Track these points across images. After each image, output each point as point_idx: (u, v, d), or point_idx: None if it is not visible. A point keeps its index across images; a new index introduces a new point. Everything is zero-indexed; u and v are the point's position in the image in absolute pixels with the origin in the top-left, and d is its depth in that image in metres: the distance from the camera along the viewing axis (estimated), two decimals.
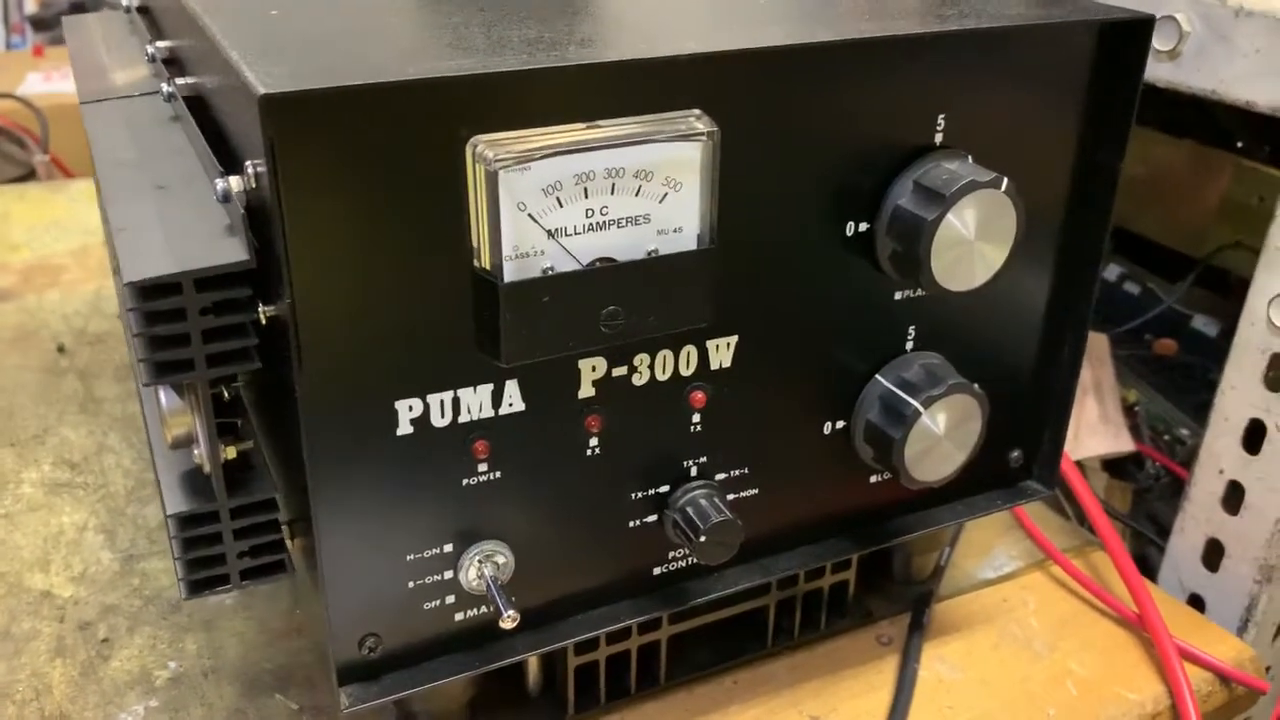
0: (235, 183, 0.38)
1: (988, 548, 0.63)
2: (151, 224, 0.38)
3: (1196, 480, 0.63)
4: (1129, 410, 0.79)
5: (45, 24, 3.81)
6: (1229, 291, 0.84)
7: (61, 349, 0.79)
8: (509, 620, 0.42)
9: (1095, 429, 0.74)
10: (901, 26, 0.43)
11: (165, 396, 0.39)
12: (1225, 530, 0.62)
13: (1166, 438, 0.78)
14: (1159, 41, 0.60)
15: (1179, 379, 0.81)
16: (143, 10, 0.66)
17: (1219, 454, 0.61)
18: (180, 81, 0.49)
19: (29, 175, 2.09)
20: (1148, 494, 0.78)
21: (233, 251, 0.36)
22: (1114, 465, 0.78)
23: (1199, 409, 0.79)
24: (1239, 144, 0.80)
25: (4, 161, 2.07)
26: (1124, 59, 0.47)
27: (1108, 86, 0.47)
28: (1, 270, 0.92)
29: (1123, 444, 0.75)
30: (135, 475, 0.66)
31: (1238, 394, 0.60)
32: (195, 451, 0.39)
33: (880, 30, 0.42)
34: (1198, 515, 0.63)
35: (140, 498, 0.64)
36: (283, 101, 0.32)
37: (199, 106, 0.47)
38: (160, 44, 0.55)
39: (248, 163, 0.36)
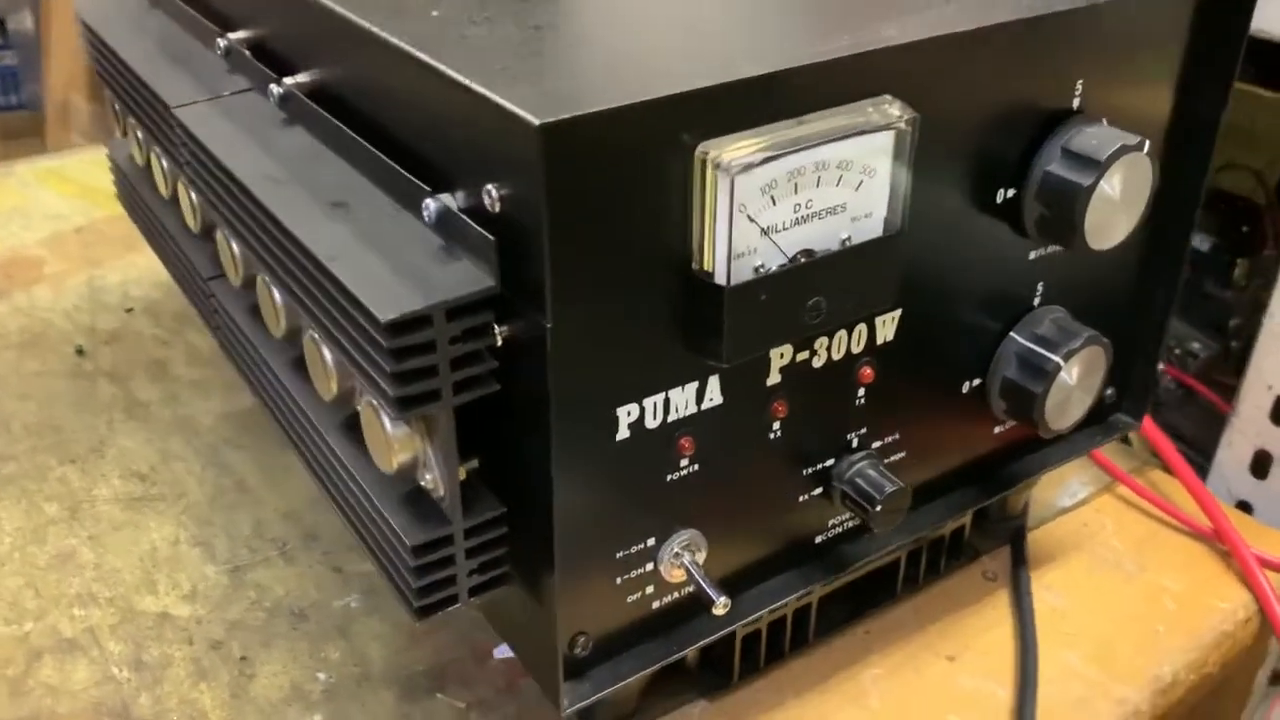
0: (449, 201, 0.37)
1: (1062, 477, 0.67)
2: (362, 251, 0.37)
3: (1244, 397, 0.67)
4: None
5: None
6: (1218, 207, 0.89)
7: (80, 351, 0.75)
8: (721, 607, 0.43)
9: None
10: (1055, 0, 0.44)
11: (390, 423, 0.38)
12: (1274, 440, 0.66)
13: (1179, 351, 0.83)
14: None
15: (1183, 296, 0.86)
16: None
17: (1267, 370, 0.65)
18: (296, 81, 0.47)
19: None
20: (1165, 407, 0.83)
21: (478, 278, 0.35)
22: None
23: (1205, 323, 0.84)
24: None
25: None
26: (1228, 12, 0.49)
27: (1211, 40, 0.49)
28: None
29: None
30: (210, 481, 0.64)
31: None
32: (427, 476, 0.39)
33: (1044, 7, 0.43)
34: (1246, 429, 0.68)
35: (223, 504, 0.62)
36: (556, 130, 0.32)
37: (337, 110, 0.45)
38: (237, 35, 0.52)
39: (489, 187, 0.35)
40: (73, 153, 1.09)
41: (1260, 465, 0.67)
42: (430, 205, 0.37)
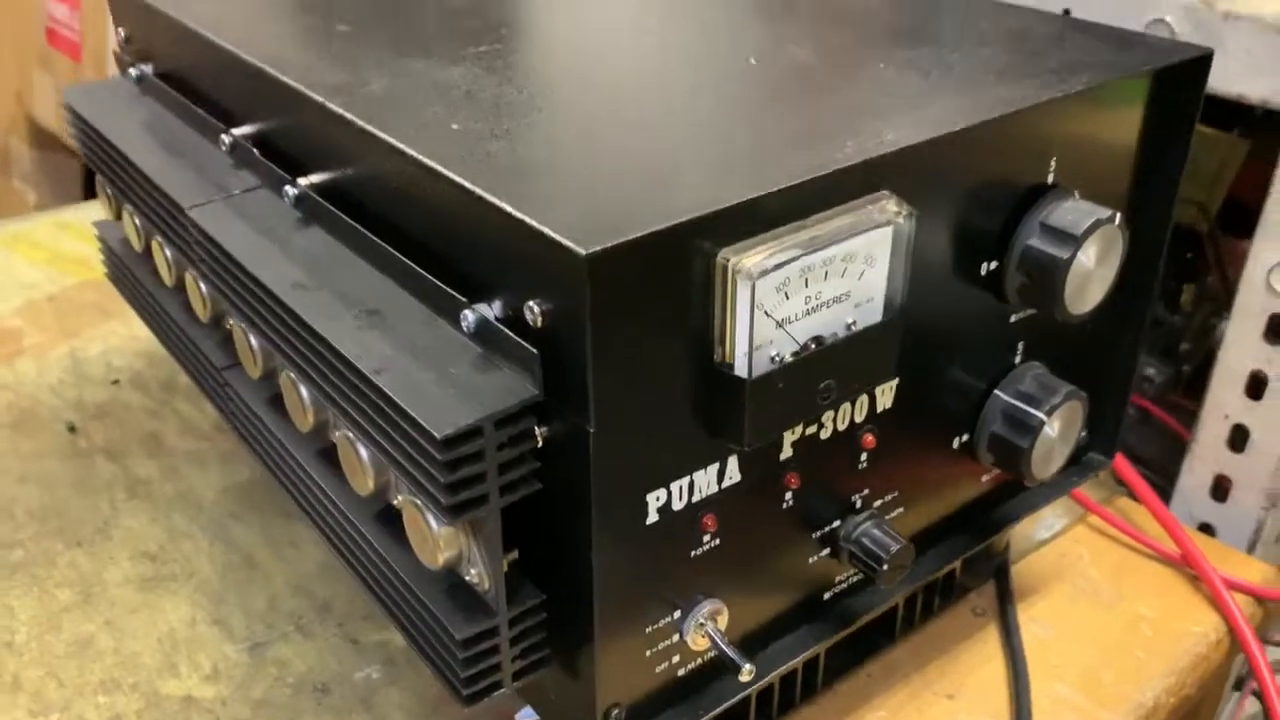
0: (486, 312, 0.39)
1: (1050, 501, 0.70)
2: (405, 363, 0.39)
3: (1203, 425, 0.71)
4: None
5: None
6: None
7: (73, 428, 0.76)
8: (747, 674, 0.46)
9: None
10: (1031, 92, 0.47)
11: (436, 525, 0.40)
12: (1232, 466, 0.70)
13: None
14: None
15: None
16: (166, 77, 0.63)
17: (1224, 401, 0.70)
18: (311, 182, 0.49)
19: None
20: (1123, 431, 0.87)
21: (523, 388, 0.37)
22: None
23: (1156, 348, 0.89)
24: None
25: None
26: (1185, 85, 0.52)
27: (1170, 110, 0.53)
28: None
29: None
30: (219, 557, 0.65)
31: (1240, 349, 0.68)
32: (471, 571, 0.41)
33: (1024, 100, 0.46)
34: (1205, 455, 0.72)
35: (235, 580, 0.64)
36: (600, 258, 0.34)
37: (355, 212, 0.47)
38: (242, 131, 0.54)
39: (531, 303, 0.37)
40: (39, 216, 1.09)
41: (1220, 489, 0.71)
42: (469, 316, 0.39)
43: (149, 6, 0.61)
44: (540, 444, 0.39)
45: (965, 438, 0.54)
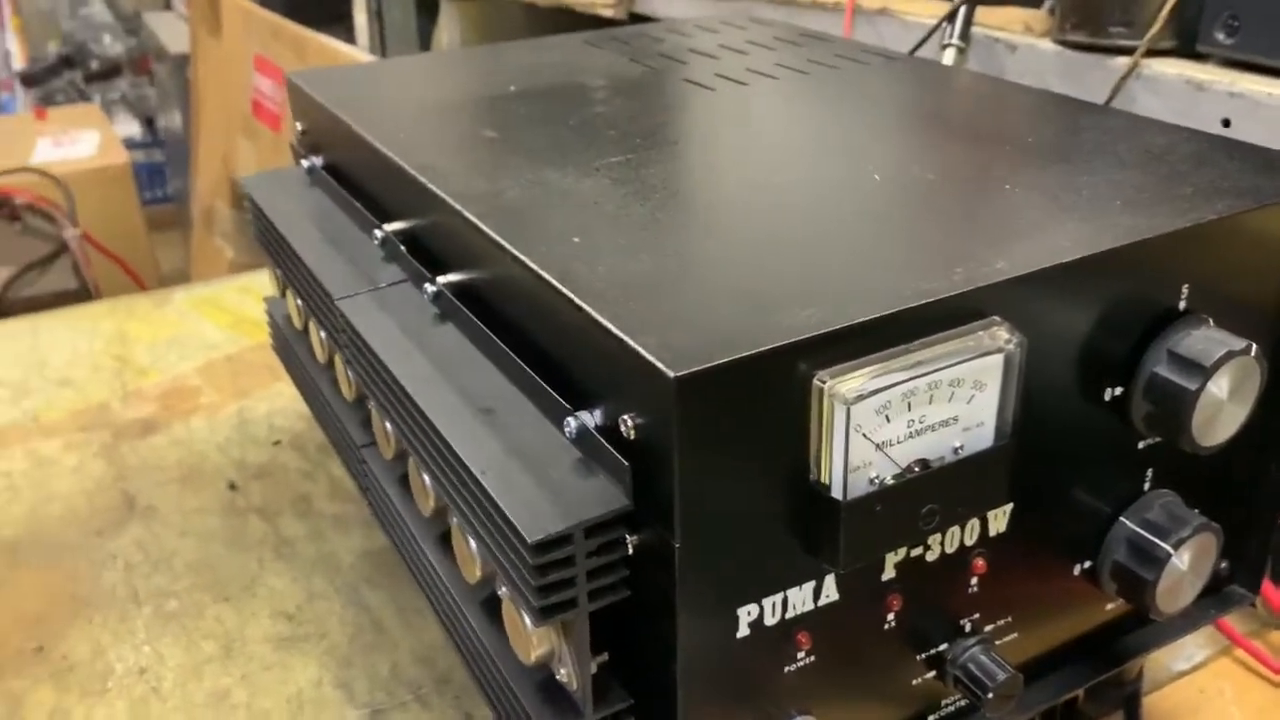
0: (588, 420, 0.41)
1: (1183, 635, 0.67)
2: (510, 464, 0.41)
3: None
4: None
5: (35, 79, 3.78)
6: None
7: (233, 486, 0.81)
8: None
9: None
10: (1159, 220, 0.46)
11: (528, 619, 0.41)
12: None
13: None
14: None
15: None
16: (331, 171, 0.68)
17: None
18: (448, 280, 0.52)
19: (60, 251, 2.10)
20: None
21: (615, 498, 0.39)
22: None
23: None
24: None
25: (34, 239, 2.08)
26: None
27: None
28: (139, 399, 0.94)
29: None
30: (350, 621, 0.68)
31: None
32: (561, 671, 0.42)
33: (1149, 230, 0.45)
34: None
35: (362, 645, 0.67)
36: (689, 380, 0.35)
37: (485, 310, 0.49)
38: (393, 227, 0.57)
39: (625, 418, 0.38)
40: (227, 280, 1.18)
41: None
42: (571, 423, 0.41)
43: (321, 105, 0.66)
44: (631, 552, 0.40)
45: (1088, 564, 0.52)
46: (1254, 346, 0.47)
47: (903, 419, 0.41)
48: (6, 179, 2.04)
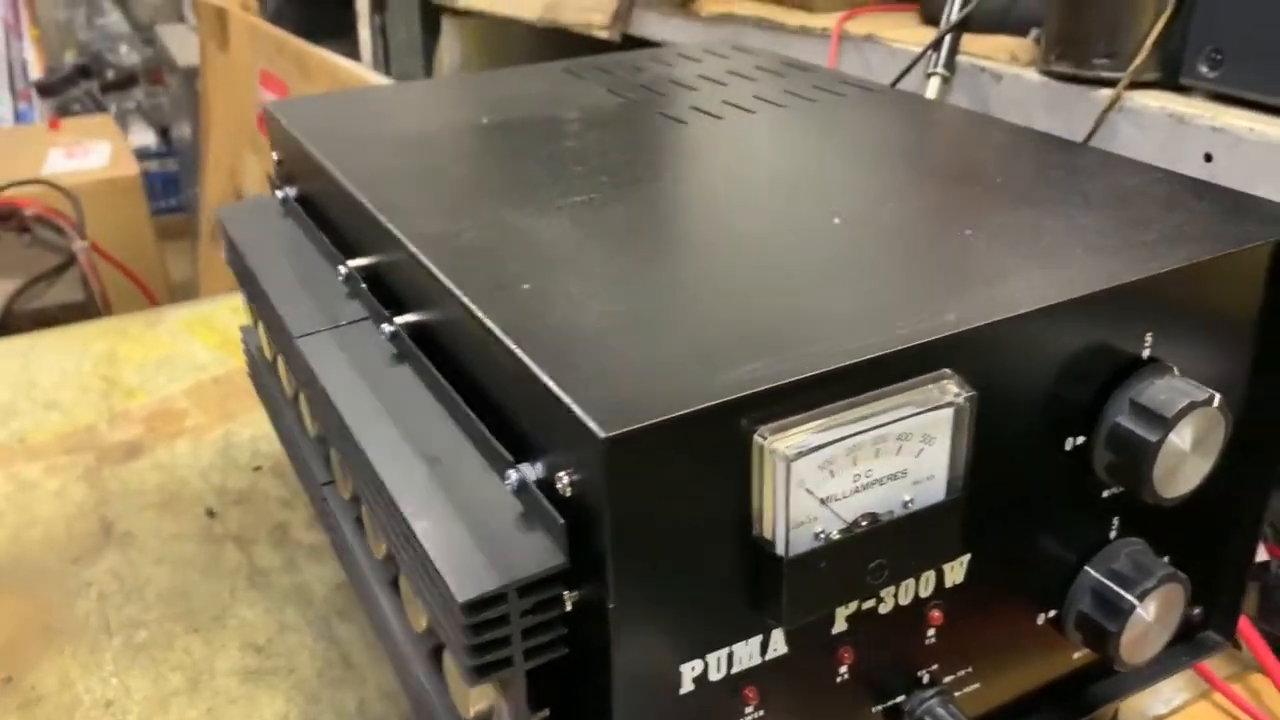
0: (529, 472, 0.40)
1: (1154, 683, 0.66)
2: (449, 518, 0.41)
3: None
4: None
5: (51, 89, 3.81)
6: None
7: (211, 513, 0.81)
8: None
9: None
10: (1119, 268, 0.45)
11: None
12: None
13: None
14: None
15: None
16: (303, 201, 0.68)
17: None
18: (405, 321, 0.51)
19: (69, 263, 2.11)
20: (1275, 591, 0.80)
21: (550, 556, 0.38)
22: None
23: None
24: None
25: (43, 250, 2.09)
26: None
27: None
28: (126, 420, 0.94)
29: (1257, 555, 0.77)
30: (320, 654, 0.68)
31: None
32: None
33: (1108, 280, 0.44)
34: None
35: (329, 679, 0.66)
36: (620, 441, 0.35)
37: (439, 354, 0.49)
38: (356, 264, 0.57)
39: (561, 474, 0.38)
40: (220, 300, 1.18)
41: None
42: (512, 476, 0.41)
43: (292, 136, 0.66)
44: (570, 608, 0.40)
45: (1053, 614, 0.51)
46: (1217, 397, 0.46)
47: (848, 473, 0.41)
48: (16, 190, 2.06)
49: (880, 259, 0.47)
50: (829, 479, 0.40)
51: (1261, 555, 0.79)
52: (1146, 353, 0.47)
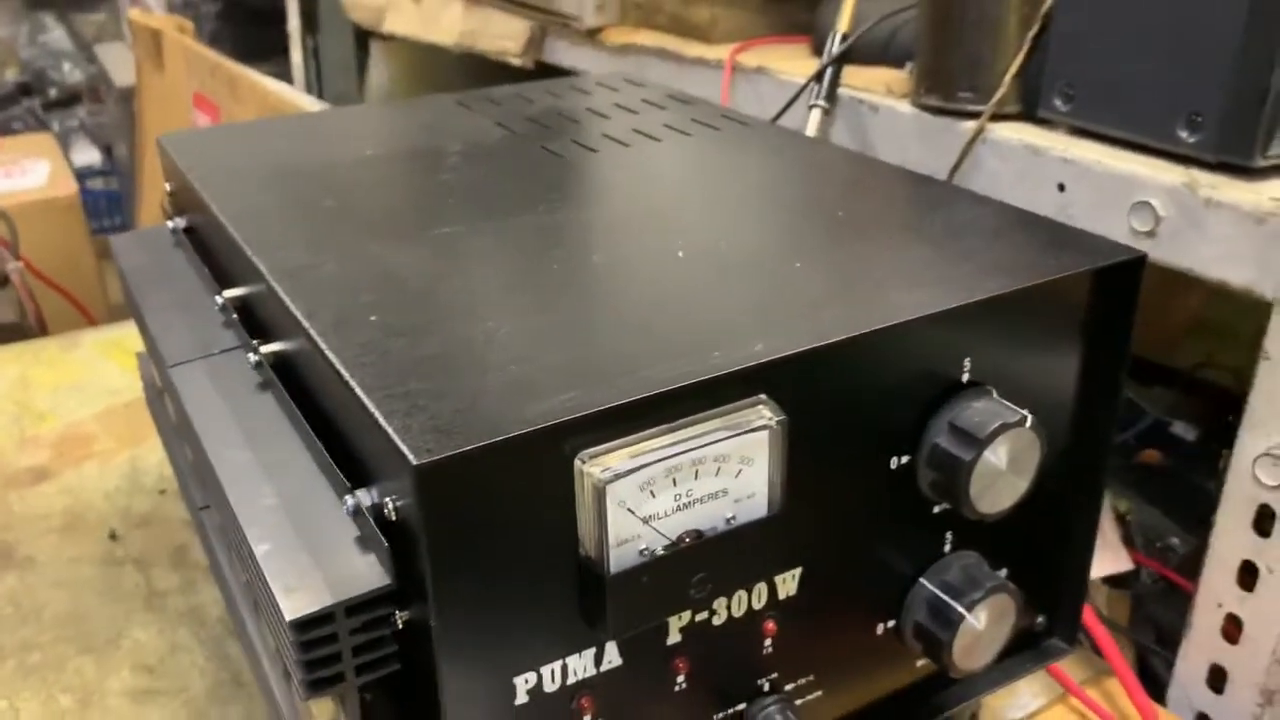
0: (364, 497, 0.43)
1: (1014, 687, 0.69)
2: (291, 542, 0.43)
3: (1197, 612, 0.69)
4: (1121, 520, 0.85)
5: None
6: (1202, 396, 0.91)
7: (114, 536, 0.82)
8: None
9: (1097, 554, 0.80)
10: (933, 298, 0.48)
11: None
12: (1227, 657, 0.67)
13: (1159, 545, 0.84)
14: (1138, 222, 0.66)
15: (1166, 486, 0.88)
16: (190, 232, 0.70)
17: (1217, 590, 0.67)
18: (268, 350, 0.53)
19: (3, 283, 2.09)
20: (1146, 600, 0.84)
21: (378, 577, 0.40)
22: (1113, 576, 0.84)
23: (1187, 515, 0.86)
24: None
25: None
26: (1118, 287, 0.52)
27: (1104, 311, 0.53)
28: (35, 445, 0.95)
29: (1122, 564, 0.81)
30: (211, 674, 0.70)
31: (1230, 538, 0.66)
32: None
33: (919, 309, 0.47)
34: (1201, 643, 0.69)
35: (219, 698, 0.68)
36: (432, 468, 0.37)
37: (287, 377, 0.51)
38: (231, 294, 0.59)
39: (387, 500, 0.40)
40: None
41: (1216, 680, 0.68)
42: (349, 501, 0.43)
43: (178, 167, 0.68)
44: (401, 627, 0.42)
45: (891, 624, 0.54)
46: (1030, 418, 0.49)
47: (669, 493, 0.43)
48: None
49: (713, 291, 0.50)
50: (650, 499, 0.43)
51: (1129, 565, 0.83)
52: (966, 376, 0.50)
